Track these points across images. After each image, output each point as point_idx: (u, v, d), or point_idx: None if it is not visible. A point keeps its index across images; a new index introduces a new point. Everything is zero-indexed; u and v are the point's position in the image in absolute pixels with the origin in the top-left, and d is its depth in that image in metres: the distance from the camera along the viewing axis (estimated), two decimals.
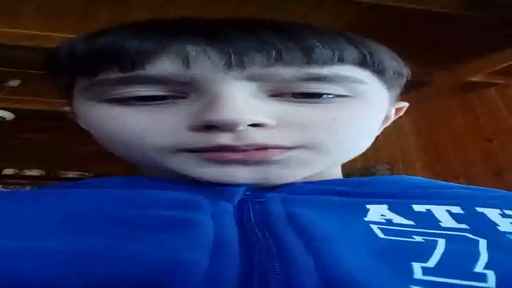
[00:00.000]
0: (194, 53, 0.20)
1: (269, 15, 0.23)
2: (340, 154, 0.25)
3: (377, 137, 0.29)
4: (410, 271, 0.14)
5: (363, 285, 0.13)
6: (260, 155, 0.21)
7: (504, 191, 0.25)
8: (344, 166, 0.31)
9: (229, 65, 0.20)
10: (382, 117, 0.27)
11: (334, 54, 0.21)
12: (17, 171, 2.55)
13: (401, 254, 0.15)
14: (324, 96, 0.22)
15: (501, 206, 0.20)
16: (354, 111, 0.23)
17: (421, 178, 0.28)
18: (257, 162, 0.22)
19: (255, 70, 0.20)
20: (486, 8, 0.85)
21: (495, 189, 0.25)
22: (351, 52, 0.22)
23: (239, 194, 0.21)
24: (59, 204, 0.19)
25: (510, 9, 0.84)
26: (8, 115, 1.61)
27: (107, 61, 0.20)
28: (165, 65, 0.20)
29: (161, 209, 0.19)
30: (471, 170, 1.29)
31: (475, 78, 1.22)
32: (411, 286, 0.13)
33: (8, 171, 2.53)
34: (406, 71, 0.26)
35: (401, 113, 0.32)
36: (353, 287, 0.13)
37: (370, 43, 0.23)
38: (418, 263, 0.14)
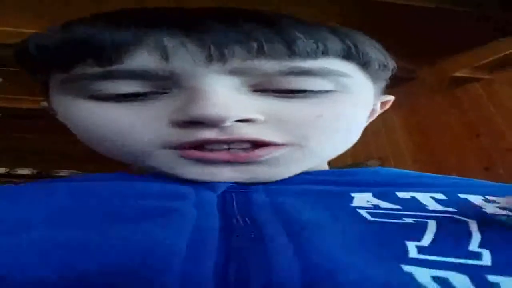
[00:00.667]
0: (172, 45, 0.19)
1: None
2: (327, 150, 0.25)
3: (367, 133, 0.29)
4: (404, 250, 0.14)
5: (345, 267, 0.12)
6: (247, 156, 0.21)
7: (487, 181, 0.25)
8: (334, 162, 0.30)
9: (209, 59, 0.19)
10: (368, 111, 0.27)
11: (317, 46, 0.20)
12: (8, 170, 2.54)
13: (394, 234, 0.15)
14: (309, 91, 0.21)
15: (483, 192, 0.20)
16: (340, 106, 0.22)
17: (405, 170, 0.28)
18: (247, 162, 0.21)
19: (236, 63, 0.19)
20: (468, 2, 0.85)
21: (477, 179, 0.25)
22: (335, 44, 0.21)
23: (224, 185, 0.21)
24: (43, 198, 0.19)
25: (491, 3, 0.84)
26: None
27: (81, 53, 0.19)
28: (143, 59, 0.19)
29: (146, 199, 0.19)
30: (461, 165, 1.30)
31: (460, 74, 1.22)
32: (403, 265, 0.13)
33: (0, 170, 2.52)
34: (391, 63, 0.25)
35: (387, 107, 0.32)
36: (332, 270, 0.12)
37: (354, 34, 0.22)
38: (413, 242, 0.14)
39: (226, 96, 0.20)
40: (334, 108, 0.22)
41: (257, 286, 0.12)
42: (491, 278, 0.12)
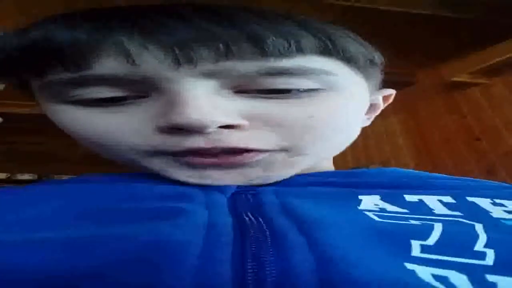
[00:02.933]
0: (133, 49, 0.18)
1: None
2: (323, 151, 0.24)
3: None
4: (408, 248, 0.14)
5: (356, 262, 0.13)
6: (236, 159, 0.21)
7: (494, 181, 0.24)
8: (335, 166, 0.30)
9: (176, 62, 0.18)
10: (364, 107, 0.26)
11: (289, 44, 0.19)
12: (9, 175, 2.54)
13: (399, 233, 0.15)
14: (294, 91, 0.20)
15: (491, 195, 0.20)
16: (330, 105, 0.21)
17: (410, 170, 0.28)
18: (239, 165, 0.21)
19: (207, 66, 0.19)
20: (466, 8, 0.86)
21: (484, 180, 0.25)
22: (308, 40, 0.19)
23: (232, 187, 0.21)
24: (54, 198, 0.19)
25: (487, 9, 0.85)
26: None
27: (42, 58, 0.19)
28: (110, 64, 0.19)
29: (156, 201, 0.19)
30: (463, 169, 1.29)
31: (459, 78, 1.23)
32: (406, 263, 0.13)
33: (0, 176, 2.52)
34: (378, 57, 0.24)
35: (390, 100, 0.31)
36: (346, 264, 0.12)
37: (329, 28, 0.21)
38: (417, 241, 0.14)
39: (206, 101, 0.19)
40: (323, 108, 0.21)
41: (274, 281, 0.12)
42: (490, 277, 0.12)
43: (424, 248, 0.14)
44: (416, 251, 0.14)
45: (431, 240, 0.14)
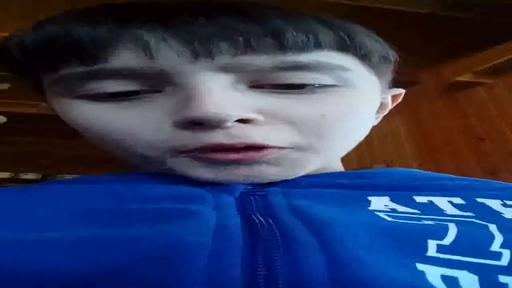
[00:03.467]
0: (153, 42, 0.18)
1: None
2: (335, 149, 0.24)
3: (372, 137, 0.27)
4: (424, 248, 0.14)
5: (367, 263, 0.12)
6: (257, 155, 0.20)
7: (504, 182, 0.24)
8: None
9: (195, 55, 0.18)
10: (375, 106, 0.26)
11: (308, 38, 0.19)
12: (13, 174, 2.55)
13: (415, 233, 0.15)
14: (309, 86, 0.20)
15: (502, 196, 0.20)
16: (344, 102, 0.21)
17: (419, 170, 0.27)
18: (257, 162, 0.21)
19: (226, 59, 0.19)
20: (469, 8, 0.85)
21: (494, 181, 0.24)
22: (327, 35, 0.19)
23: (240, 188, 0.21)
24: (66, 199, 0.19)
25: (491, 9, 0.85)
26: (0, 119, 1.62)
27: (60, 53, 0.19)
28: (127, 57, 0.19)
29: (165, 202, 0.19)
30: (466, 169, 1.29)
31: (462, 78, 1.22)
32: (418, 263, 0.13)
33: (3, 175, 2.53)
34: (392, 55, 0.24)
35: (399, 100, 0.31)
36: (358, 266, 0.12)
37: (347, 24, 0.21)
38: (434, 241, 0.14)
39: (222, 95, 0.19)
40: (337, 105, 0.21)
41: (286, 281, 0.12)
42: (502, 278, 0.12)
43: (440, 248, 0.14)
44: (432, 250, 0.14)
45: (448, 239, 0.14)
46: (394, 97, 0.30)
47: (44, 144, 2.29)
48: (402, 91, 0.30)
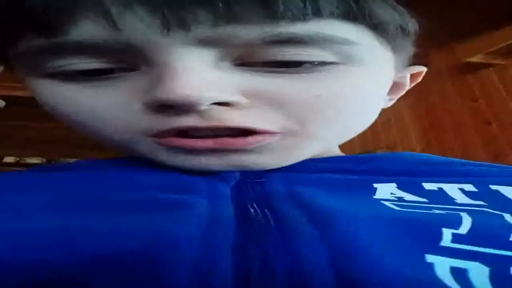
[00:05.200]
0: (116, 10, 0.15)
1: None
2: (334, 135, 0.21)
3: (376, 121, 0.24)
4: (438, 238, 0.13)
5: (372, 255, 0.12)
6: (235, 143, 0.18)
7: None
8: (341, 151, 0.28)
9: (166, 26, 0.15)
10: (387, 86, 0.23)
11: (305, 4, 0.16)
12: (17, 159, 2.58)
13: (426, 222, 0.14)
14: (306, 64, 0.17)
15: None
16: (345, 83, 0.18)
17: (427, 154, 0.25)
18: (234, 150, 0.19)
19: (204, 31, 0.16)
20: None
21: (508, 166, 0.23)
22: (328, 0, 0.16)
23: (236, 175, 0.20)
24: (51, 186, 0.18)
25: None
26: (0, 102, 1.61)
27: (13, 22, 0.17)
28: (89, 28, 0.16)
29: (157, 191, 0.18)
30: (471, 153, 1.28)
31: (473, 59, 1.19)
32: (428, 255, 0.12)
33: (8, 159, 2.56)
34: (412, 25, 0.20)
35: (419, 79, 0.27)
36: (362, 258, 0.12)
37: None
38: (449, 229, 0.13)
39: (199, 74, 0.16)
40: (335, 85, 0.18)
41: (283, 274, 0.11)
42: None
43: (456, 237, 0.13)
44: (447, 240, 0.13)
45: (463, 229, 0.13)
46: (413, 76, 0.27)
47: (48, 128, 2.29)
48: (424, 68, 0.27)
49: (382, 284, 0.11)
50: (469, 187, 0.18)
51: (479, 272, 0.11)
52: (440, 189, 0.18)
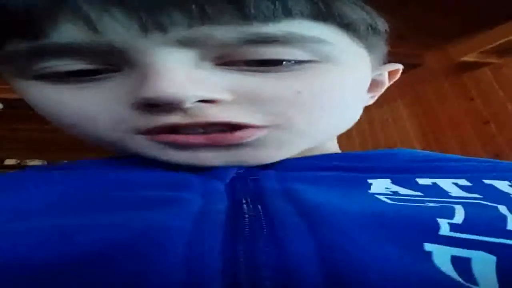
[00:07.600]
0: (94, 14, 0.16)
1: None
2: (320, 129, 0.22)
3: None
4: (436, 227, 0.13)
5: (363, 248, 0.12)
6: (226, 138, 0.19)
7: (510, 162, 0.23)
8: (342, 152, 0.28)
9: (144, 29, 0.16)
10: (365, 83, 0.24)
11: (275, 5, 0.16)
12: (19, 161, 2.59)
13: (420, 214, 0.14)
14: (285, 63, 0.18)
15: (509, 177, 0.18)
16: (324, 80, 0.19)
17: (423, 151, 0.26)
18: (228, 146, 0.20)
19: (180, 32, 0.16)
20: None
21: (500, 161, 0.23)
22: (297, 2, 0.17)
23: (231, 172, 0.20)
24: (42, 185, 0.18)
25: None
26: None
27: None
28: (70, 31, 0.17)
29: (151, 189, 0.18)
30: (470, 153, 1.28)
31: (468, 58, 1.19)
32: (428, 244, 0.12)
33: (9, 162, 2.57)
34: (381, 24, 0.21)
35: (397, 77, 0.28)
36: (352, 251, 0.12)
37: None
38: (445, 219, 0.13)
39: (182, 73, 0.17)
40: (315, 81, 0.19)
41: (270, 265, 0.11)
42: None
43: (453, 227, 0.13)
44: (444, 229, 0.13)
45: (458, 219, 0.13)
46: (391, 74, 0.28)
47: (49, 131, 2.30)
48: (399, 66, 0.28)
49: (368, 273, 0.11)
50: (463, 182, 0.18)
51: (484, 261, 0.11)
52: (435, 183, 0.18)
